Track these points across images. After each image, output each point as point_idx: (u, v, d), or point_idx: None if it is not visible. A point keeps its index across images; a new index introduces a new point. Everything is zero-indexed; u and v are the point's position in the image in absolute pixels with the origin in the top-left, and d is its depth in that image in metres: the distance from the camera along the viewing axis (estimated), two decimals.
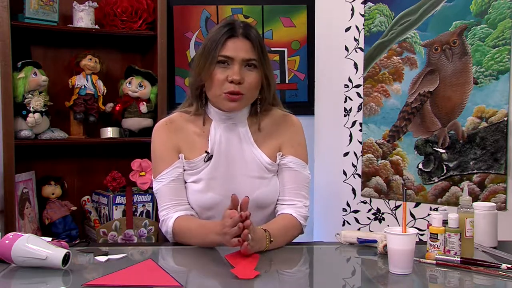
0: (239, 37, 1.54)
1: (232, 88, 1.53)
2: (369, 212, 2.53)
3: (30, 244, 1.27)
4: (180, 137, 1.64)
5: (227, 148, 1.62)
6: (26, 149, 2.49)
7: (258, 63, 1.56)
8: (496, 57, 2.15)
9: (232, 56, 1.53)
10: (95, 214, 2.59)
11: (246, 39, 1.55)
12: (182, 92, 2.87)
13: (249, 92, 1.57)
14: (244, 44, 1.54)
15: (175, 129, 1.66)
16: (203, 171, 1.60)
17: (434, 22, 2.30)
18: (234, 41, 1.54)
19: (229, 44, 1.54)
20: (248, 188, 1.58)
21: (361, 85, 2.53)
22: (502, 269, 1.29)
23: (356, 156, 2.56)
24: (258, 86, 1.59)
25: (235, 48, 1.53)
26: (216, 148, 1.61)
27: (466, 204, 1.42)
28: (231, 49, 1.53)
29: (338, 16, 2.59)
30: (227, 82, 1.54)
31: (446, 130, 2.29)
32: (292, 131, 1.69)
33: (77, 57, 2.56)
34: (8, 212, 2.31)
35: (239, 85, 1.53)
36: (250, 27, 1.58)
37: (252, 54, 1.55)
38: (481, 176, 2.20)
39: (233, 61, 1.53)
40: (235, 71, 1.53)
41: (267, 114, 1.68)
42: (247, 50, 1.54)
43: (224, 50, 1.54)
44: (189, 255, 1.50)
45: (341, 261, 1.48)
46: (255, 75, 1.56)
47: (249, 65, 1.55)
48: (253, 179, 1.60)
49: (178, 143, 1.64)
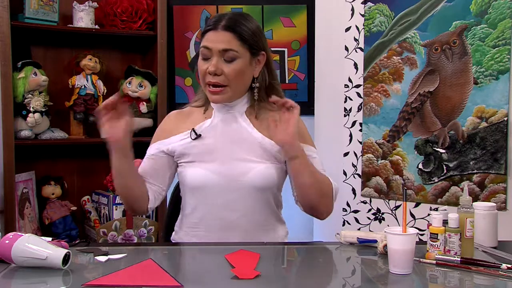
0: (219, 29, 1.55)
1: (210, 79, 1.56)
2: (369, 212, 2.53)
3: (30, 244, 1.27)
4: (185, 125, 1.66)
5: (223, 131, 1.62)
6: (26, 149, 2.49)
7: (239, 53, 1.55)
8: (496, 57, 2.15)
9: (210, 46, 1.55)
10: (95, 214, 2.59)
11: (227, 31, 1.55)
12: (182, 92, 2.87)
13: (231, 83, 1.57)
14: (224, 35, 1.55)
15: (183, 117, 1.69)
16: (197, 151, 1.61)
17: (434, 22, 2.30)
18: (214, 33, 1.56)
19: (210, 35, 1.56)
20: (242, 169, 1.58)
21: (361, 85, 2.53)
22: (502, 269, 1.29)
23: (356, 156, 2.56)
24: (241, 76, 1.58)
25: (214, 40, 1.55)
26: (212, 130, 1.62)
27: (466, 204, 1.42)
28: (210, 41, 1.56)
29: (338, 16, 2.59)
30: (208, 74, 1.56)
31: (446, 130, 2.29)
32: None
33: (77, 57, 2.56)
34: (8, 212, 2.31)
35: (218, 77, 1.55)
36: (236, 20, 1.57)
37: (231, 45, 1.55)
38: (481, 176, 2.20)
39: (211, 52, 1.56)
40: (212, 63, 1.55)
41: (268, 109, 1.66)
42: (225, 42, 1.55)
43: (204, 41, 1.57)
44: (189, 255, 1.50)
45: (341, 261, 1.47)
46: (235, 66, 1.56)
47: (228, 56, 1.55)
48: (248, 161, 1.59)
49: (178, 128, 1.66)
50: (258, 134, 1.62)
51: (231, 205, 1.58)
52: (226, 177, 1.57)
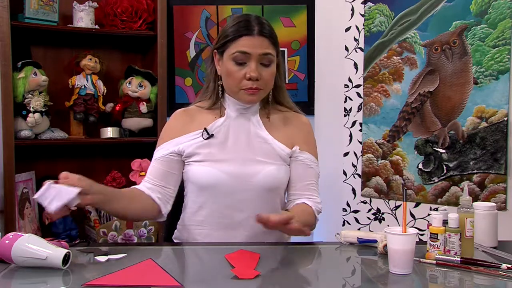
0: (255, 35, 1.55)
1: (250, 85, 1.56)
2: (369, 212, 2.53)
3: (30, 244, 1.27)
4: (193, 124, 1.65)
5: (235, 132, 1.63)
6: (26, 149, 2.49)
7: (273, 57, 1.59)
8: (496, 57, 2.15)
9: (249, 51, 1.54)
10: (95, 214, 2.59)
11: (263, 36, 1.56)
12: (182, 92, 2.87)
13: (266, 86, 1.60)
14: (261, 40, 1.56)
15: (190, 117, 1.67)
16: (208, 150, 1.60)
17: (434, 22, 2.30)
18: (250, 38, 1.55)
19: (245, 41, 1.55)
20: (253, 169, 1.59)
21: (361, 85, 2.53)
22: (502, 269, 1.29)
23: (356, 156, 2.56)
24: (273, 79, 1.62)
25: (252, 45, 1.55)
26: (224, 130, 1.62)
27: (466, 204, 1.42)
28: (247, 46, 1.55)
29: (338, 16, 2.59)
30: (244, 80, 1.56)
31: (446, 130, 2.29)
32: (306, 130, 1.72)
33: (77, 57, 2.56)
34: (8, 212, 2.31)
35: (257, 82, 1.56)
36: (264, 23, 1.60)
37: (268, 49, 1.57)
38: (481, 176, 2.20)
39: (250, 58, 1.55)
40: (252, 68, 1.54)
41: (279, 110, 1.71)
42: (264, 46, 1.56)
43: (240, 46, 1.55)
44: (189, 255, 1.49)
45: (341, 261, 1.47)
46: (271, 70, 1.59)
47: (265, 60, 1.57)
48: (259, 162, 1.60)
49: (187, 127, 1.65)
50: (268, 136, 1.64)
51: (239, 205, 1.58)
52: (236, 177, 1.58)
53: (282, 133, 1.66)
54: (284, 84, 1.72)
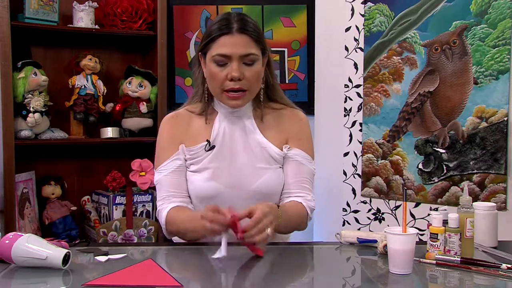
0: (234, 33, 1.50)
1: (232, 85, 1.52)
2: (369, 212, 2.53)
3: (30, 244, 1.27)
4: (185, 129, 1.64)
5: (231, 139, 1.61)
6: (26, 149, 2.49)
7: (257, 56, 1.54)
8: (496, 57, 2.15)
9: (228, 53, 1.50)
10: (95, 214, 2.59)
11: (243, 33, 1.51)
12: (182, 92, 2.87)
13: (251, 87, 1.55)
14: (241, 38, 1.51)
15: (181, 122, 1.65)
16: (206, 161, 1.59)
17: (434, 22, 2.30)
18: (230, 37, 1.51)
19: (225, 40, 1.51)
20: (251, 178, 1.58)
21: (361, 85, 2.53)
22: (502, 269, 1.29)
23: (356, 156, 2.56)
24: (259, 79, 1.58)
25: (232, 45, 1.50)
26: (220, 139, 1.60)
27: (466, 204, 1.42)
28: (227, 45, 1.50)
29: (338, 16, 2.59)
30: (227, 80, 1.52)
31: (446, 130, 2.29)
32: (299, 125, 1.68)
33: (77, 57, 2.56)
34: (8, 212, 2.31)
35: (240, 82, 1.52)
36: (246, 20, 1.54)
37: (250, 49, 1.52)
38: (481, 176, 2.20)
39: (231, 59, 1.51)
40: (234, 68, 1.50)
41: (273, 108, 1.68)
42: (244, 45, 1.51)
43: (220, 48, 1.51)
44: (189, 255, 1.49)
45: (341, 261, 1.47)
46: (255, 69, 1.54)
47: (247, 59, 1.52)
48: (256, 169, 1.60)
49: (183, 135, 1.63)
50: (263, 139, 1.62)
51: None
52: (235, 188, 1.57)
53: (275, 132, 1.64)
54: (276, 81, 1.69)
